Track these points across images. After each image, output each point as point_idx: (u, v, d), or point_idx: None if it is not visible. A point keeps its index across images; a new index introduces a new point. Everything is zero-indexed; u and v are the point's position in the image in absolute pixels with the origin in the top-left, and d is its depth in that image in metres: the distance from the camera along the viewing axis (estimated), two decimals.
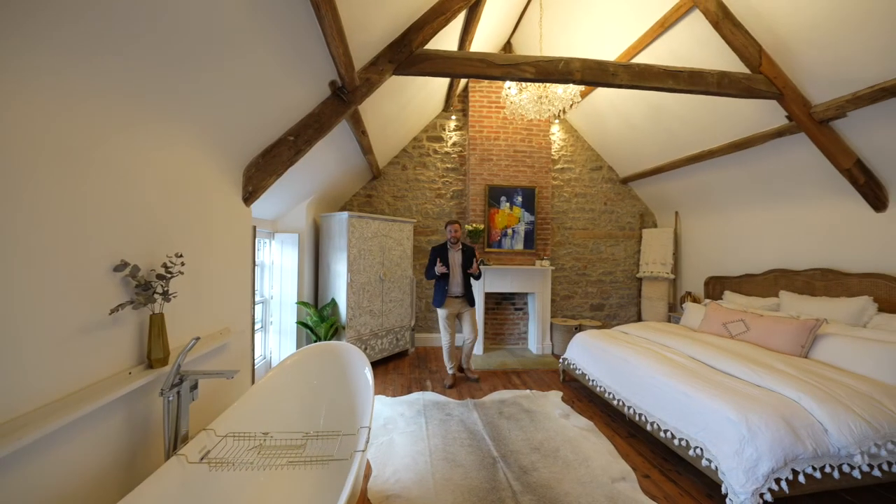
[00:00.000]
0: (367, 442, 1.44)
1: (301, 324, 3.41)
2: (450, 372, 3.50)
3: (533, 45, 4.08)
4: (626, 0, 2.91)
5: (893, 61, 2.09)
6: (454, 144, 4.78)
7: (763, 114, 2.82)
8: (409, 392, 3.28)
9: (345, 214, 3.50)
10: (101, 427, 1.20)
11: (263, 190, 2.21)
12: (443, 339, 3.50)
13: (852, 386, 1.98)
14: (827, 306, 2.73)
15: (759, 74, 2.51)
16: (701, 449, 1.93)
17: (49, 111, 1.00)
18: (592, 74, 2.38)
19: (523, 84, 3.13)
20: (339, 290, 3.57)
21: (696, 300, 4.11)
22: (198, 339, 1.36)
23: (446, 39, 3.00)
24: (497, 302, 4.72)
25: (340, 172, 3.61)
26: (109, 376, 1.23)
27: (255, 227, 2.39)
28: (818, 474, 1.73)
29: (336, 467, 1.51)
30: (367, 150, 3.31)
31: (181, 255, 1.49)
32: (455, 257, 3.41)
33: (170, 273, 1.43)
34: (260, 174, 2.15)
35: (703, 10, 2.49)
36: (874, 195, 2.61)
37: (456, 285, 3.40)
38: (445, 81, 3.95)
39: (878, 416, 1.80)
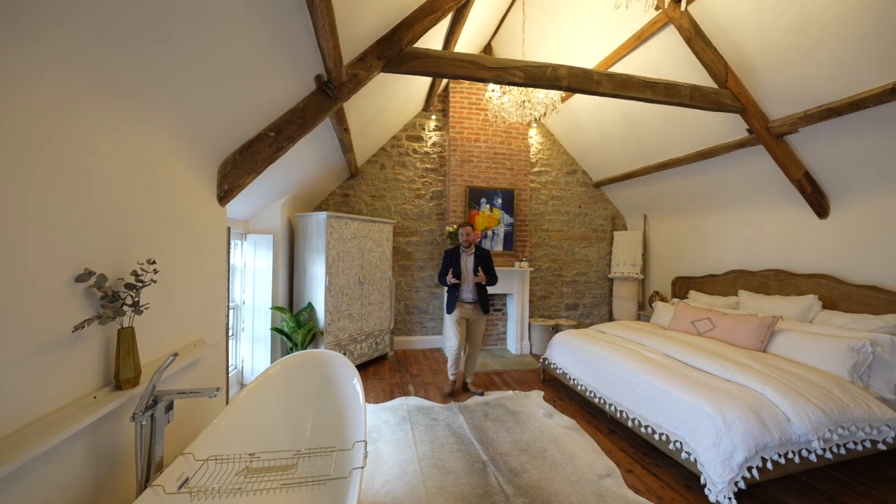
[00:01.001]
0: (366, 457, 1.37)
1: (276, 330, 3.22)
2: (451, 377, 3.30)
3: (512, 50, 4.13)
4: (605, 11, 3.01)
5: (838, 84, 2.32)
6: (434, 144, 4.73)
7: (726, 126, 3.04)
8: (392, 398, 3.20)
9: (323, 215, 3.34)
10: (59, 464, 1.04)
11: (240, 189, 2.05)
12: (450, 344, 3.25)
13: (807, 377, 2.18)
14: (780, 304, 2.99)
15: (725, 90, 2.70)
16: (681, 443, 2.04)
17: None
18: (578, 82, 2.44)
19: (506, 87, 3.16)
20: (317, 293, 3.41)
21: (663, 299, 4.36)
22: (175, 355, 1.22)
23: (431, 40, 2.96)
24: None
25: (318, 171, 3.45)
26: (70, 403, 1.07)
27: (229, 229, 2.21)
28: (782, 460, 1.88)
29: (332, 487, 1.42)
30: (347, 147, 3.19)
31: (154, 262, 1.33)
32: (467, 262, 3.21)
33: (141, 282, 1.28)
34: (237, 172, 1.99)
35: (678, 26, 2.63)
36: (819, 204, 2.89)
37: (467, 291, 3.20)
38: (427, 81, 3.90)
39: (830, 405, 1.99)
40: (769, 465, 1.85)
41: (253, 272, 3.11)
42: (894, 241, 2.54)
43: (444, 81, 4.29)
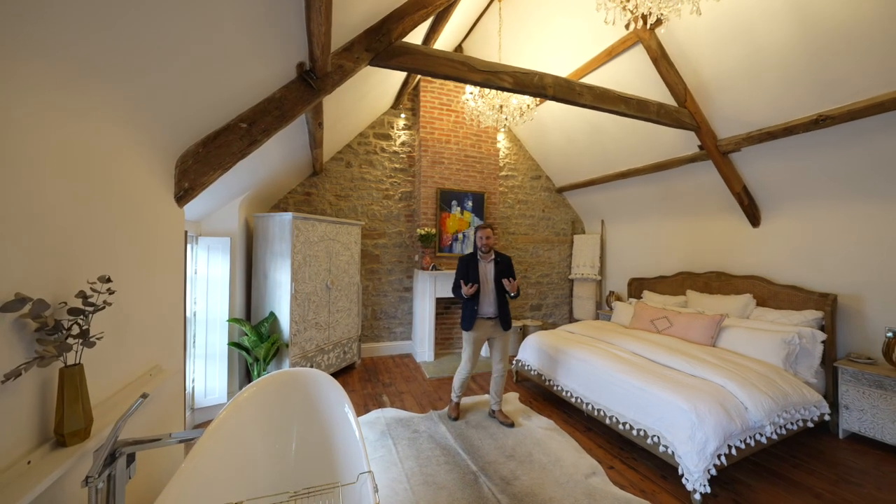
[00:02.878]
0: (377, 491, 1.24)
1: (234, 345, 2.86)
2: (454, 399, 2.91)
3: (483, 53, 4.14)
4: (579, 24, 3.13)
5: (776, 112, 2.67)
6: (403, 144, 4.58)
7: (681, 142, 3.34)
8: (367, 411, 3.02)
9: (288, 215, 3.04)
10: None
11: (203, 187, 1.76)
12: (462, 365, 2.86)
13: (754, 369, 2.47)
14: (722, 302, 3.37)
15: (684, 109, 2.96)
16: (658, 437, 2.18)
17: None
18: (562, 91, 2.50)
19: (484, 90, 3.15)
20: (281, 302, 3.10)
21: (619, 298, 4.70)
22: (145, 396, 0.99)
23: (410, 36, 2.83)
24: (446, 307, 4.69)
25: (282, 166, 3.13)
26: None
27: (186, 233, 1.89)
28: (742, 445, 2.10)
29: None
30: (318, 143, 2.94)
31: (109, 280, 1.07)
32: (486, 270, 2.76)
33: (91, 305, 1.01)
34: (200, 167, 1.71)
35: (646, 46, 2.82)
36: (753, 214, 3.31)
37: (488, 304, 2.75)
38: (401, 77, 3.75)
39: (776, 393, 2.27)
40: (733, 452, 2.05)
41: (206, 280, 2.72)
42: (810, 248, 2.99)
43: (417, 79, 4.16)
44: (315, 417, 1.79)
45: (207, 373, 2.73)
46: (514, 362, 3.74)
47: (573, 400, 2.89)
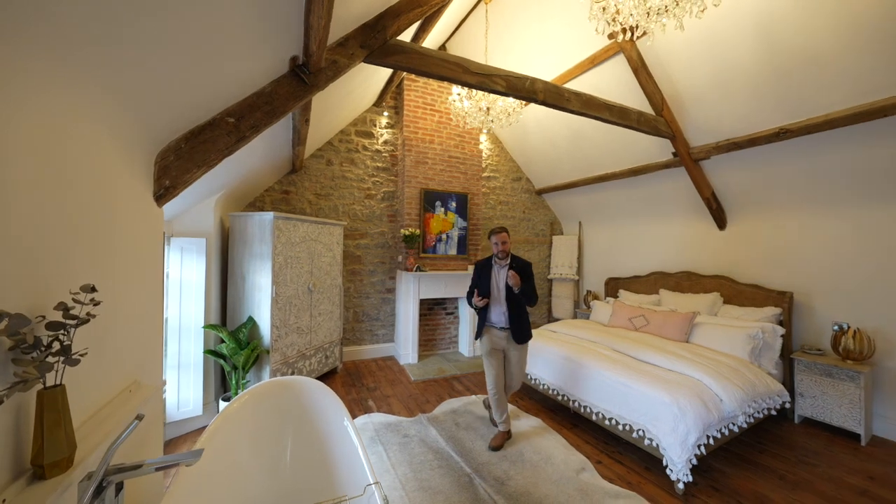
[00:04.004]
0: (387, 502, 1.21)
1: (211, 353, 2.68)
2: (499, 427, 2.55)
3: (466, 53, 4.14)
4: (565, 31, 3.22)
5: (742, 124, 2.88)
6: (385, 142, 4.49)
7: (656, 149, 3.52)
8: (354, 416, 2.94)
9: (269, 215, 2.89)
10: None
11: (185, 185, 1.63)
12: (487, 379, 2.59)
13: (725, 363, 2.65)
14: (692, 300, 3.59)
15: (661, 118, 3.12)
16: (643, 431, 2.29)
17: None
18: (552, 97, 2.55)
19: (471, 92, 3.16)
20: (260, 306, 2.95)
21: (596, 298, 4.89)
22: (140, 417, 0.89)
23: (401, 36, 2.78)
24: (429, 308, 4.67)
25: (261, 163, 2.98)
26: None
27: (164, 235, 1.75)
28: (718, 435, 2.25)
29: None
30: (302, 140, 2.82)
31: (94, 289, 0.96)
32: (499, 276, 2.53)
33: (74, 318, 0.91)
34: (182, 164, 1.58)
35: (627, 56, 2.94)
36: (720, 218, 3.55)
37: (498, 314, 2.51)
38: (387, 75, 3.67)
39: (745, 384, 2.45)
40: (711, 441, 2.19)
41: (179, 284, 2.52)
42: (770, 250, 3.26)
43: (401, 78, 4.10)
44: (309, 428, 1.72)
45: (180, 384, 2.54)
46: None
47: (559, 398, 2.97)
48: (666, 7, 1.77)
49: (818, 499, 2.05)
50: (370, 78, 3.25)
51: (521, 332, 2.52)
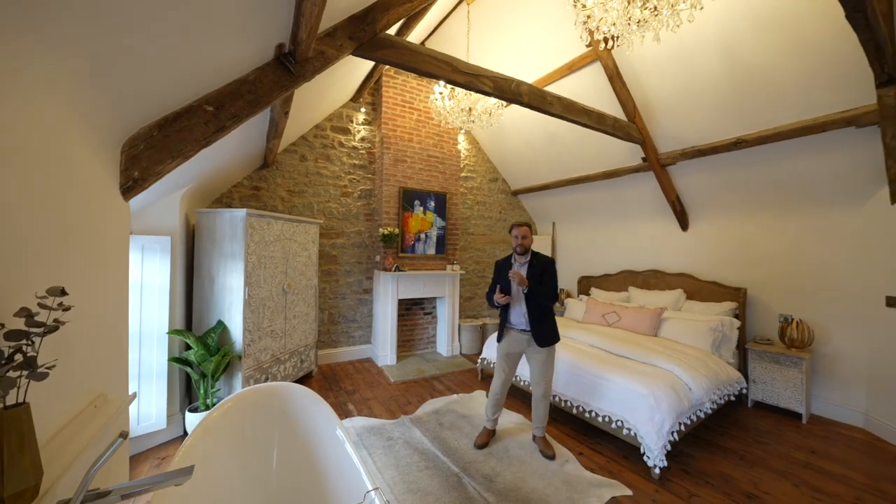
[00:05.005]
0: None
1: (176, 361, 2.47)
2: (487, 425, 2.53)
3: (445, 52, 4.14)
4: (545, 37, 3.31)
5: (705, 133, 3.11)
6: (363, 139, 4.38)
7: (627, 154, 3.72)
8: None
9: (241, 212, 2.72)
10: None
11: (156, 178, 1.49)
12: (493, 380, 2.52)
13: (692, 354, 2.85)
14: (658, 297, 3.83)
15: (633, 124, 3.30)
16: (622, 421, 2.40)
17: None
18: (536, 100, 2.61)
19: (454, 92, 3.17)
20: (231, 309, 2.76)
21: (569, 295, 5.07)
22: (125, 435, 0.80)
23: None
24: (407, 308, 4.61)
25: (232, 157, 2.79)
26: None
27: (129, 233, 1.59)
28: (688, 421, 2.42)
29: None
30: (278, 133, 2.68)
31: (64, 293, 0.84)
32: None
33: (39, 326, 0.79)
34: (154, 154, 1.44)
35: (604, 64, 3.08)
36: (683, 219, 3.82)
37: (517, 315, 2.36)
38: (367, 69, 3.58)
39: (710, 374, 2.65)
40: (682, 428, 2.35)
41: (140, 286, 2.30)
42: (726, 250, 3.55)
43: (380, 74, 4.01)
44: (297, 435, 1.63)
45: (141, 395, 2.32)
46: (479, 360, 3.82)
47: None
48: (645, 19, 1.87)
49: (772, 473, 2.26)
50: (351, 73, 3.15)
51: (542, 334, 2.31)
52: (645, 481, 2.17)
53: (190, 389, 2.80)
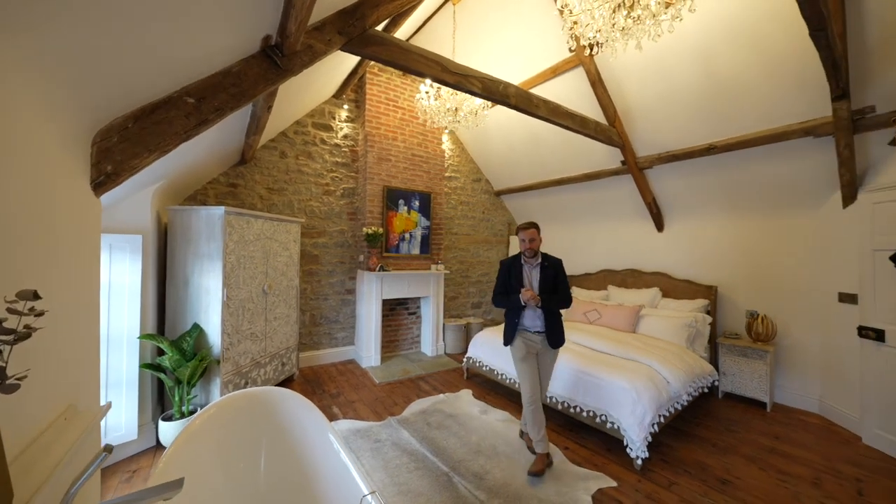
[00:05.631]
0: None
1: (149, 367, 2.32)
2: (537, 449, 2.25)
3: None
4: (530, 40, 3.36)
5: (680, 138, 3.26)
6: (345, 137, 4.30)
7: (607, 157, 3.84)
8: None
9: (219, 210, 2.60)
10: None
11: (131, 172, 1.40)
12: (522, 388, 2.31)
13: (668, 349, 2.99)
14: (636, 295, 3.98)
15: (613, 128, 3.41)
16: (606, 415, 2.48)
17: None
18: (523, 102, 2.65)
19: (440, 91, 3.16)
20: (208, 311, 2.63)
21: None
22: (109, 449, 0.75)
23: None
24: (391, 308, 4.56)
25: (208, 152, 2.66)
26: None
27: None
28: (667, 413, 2.53)
29: None
30: (259, 128, 2.58)
31: (37, 295, 0.77)
32: (531, 277, 2.33)
33: (9, 333, 0.73)
34: (129, 147, 1.35)
35: (586, 70, 3.17)
36: (659, 221, 3.99)
37: (531, 317, 2.31)
38: (350, 66, 3.51)
39: (686, 367, 2.78)
40: (661, 420, 2.45)
41: (108, 288, 2.15)
42: (699, 249, 3.74)
43: (364, 71, 3.94)
44: (285, 441, 1.58)
45: (112, 404, 2.17)
46: (464, 359, 3.83)
47: None
48: (629, 28, 1.94)
49: (742, 459, 2.41)
50: (334, 69, 3.08)
51: (556, 335, 2.30)
52: (628, 472, 2.25)
53: (163, 397, 2.65)
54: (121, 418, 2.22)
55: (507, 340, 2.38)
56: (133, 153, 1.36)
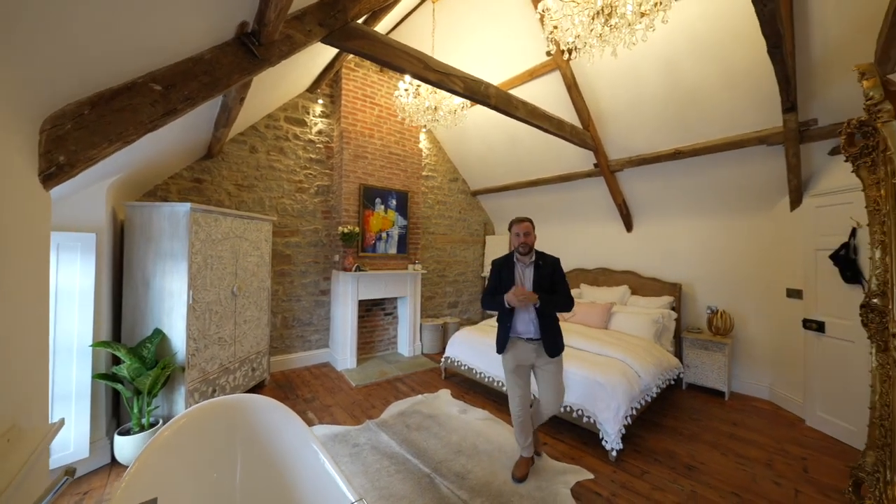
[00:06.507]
0: None
1: (104, 377, 2.13)
2: (522, 454, 2.20)
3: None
4: (508, 43, 3.41)
5: (649, 143, 3.43)
6: (320, 132, 4.16)
7: (581, 159, 3.98)
8: None
9: (184, 206, 2.43)
10: None
11: (89, 164, 1.27)
12: (510, 401, 2.20)
13: (639, 344, 3.13)
14: (607, 293, 4.15)
15: (587, 132, 3.53)
16: (582, 410, 2.56)
17: None
18: (503, 103, 2.68)
19: (419, 90, 3.13)
20: (172, 315, 2.46)
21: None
22: (72, 473, 0.67)
23: None
24: (367, 309, 4.47)
25: (173, 144, 2.48)
26: None
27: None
28: (639, 406, 2.65)
29: None
30: (230, 121, 2.44)
31: None
32: (523, 276, 2.12)
33: None
34: (85, 136, 1.23)
35: (563, 74, 3.26)
36: (628, 221, 4.18)
37: (524, 321, 2.08)
38: (326, 59, 3.40)
39: (655, 361, 2.93)
40: (634, 412, 2.57)
41: (55, 291, 1.94)
42: (665, 249, 3.96)
43: (340, 65, 3.83)
44: (262, 451, 1.50)
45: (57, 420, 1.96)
46: (442, 359, 3.82)
47: (504, 389, 3.13)
48: (605, 35, 2.01)
49: (706, 445, 2.57)
50: (310, 62, 2.97)
51: (553, 342, 2.07)
52: (604, 464, 2.34)
53: (119, 409, 2.44)
54: (69, 435, 2.02)
55: (500, 348, 2.17)
56: (91, 143, 1.23)
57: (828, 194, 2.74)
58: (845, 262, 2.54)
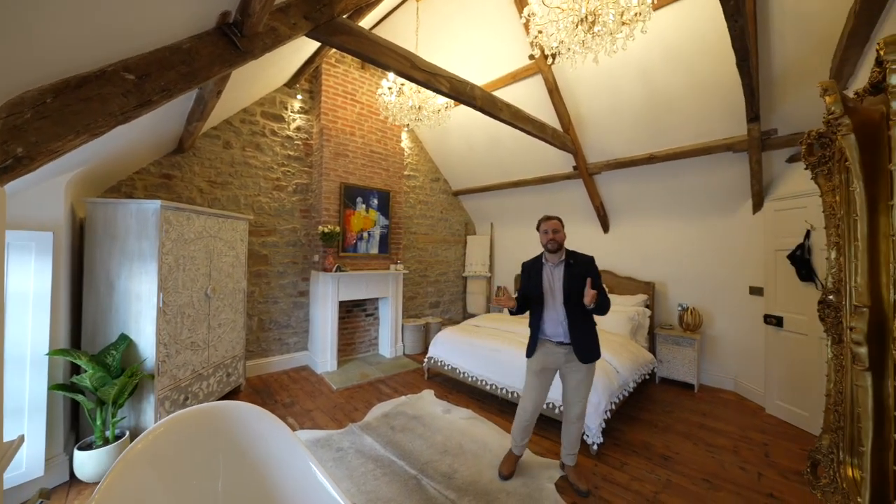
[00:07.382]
0: None
1: (61, 388, 1.96)
2: (514, 451, 2.17)
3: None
4: (492, 45, 3.45)
5: (625, 148, 3.57)
6: (298, 129, 4.03)
7: (561, 161, 4.08)
8: None
9: (154, 204, 2.28)
10: None
11: (51, 157, 1.17)
12: (521, 400, 2.13)
13: (615, 340, 3.25)
14: None
15: (567, 135, 3.62)
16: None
17: None
18: (488, 104, 2.71)
19: (402, 88, 3.11)
20: (140, 319, 2.30)
21: (507, 292, 5.36)
22: (46, 493, 0.61)
23: None
24: (348, 310, 4.39)
25: (141, 137, 2.33)
26: None
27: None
28: (618, 400, 2.75)
29: None
30: (204, 115, 2.32)
31: None
32: (552, 277, 2.01)
33: None
34: (47, 126, 1.13)
35: (545, 78, 3.33)
36: (605, 223, 4.33)
37: (554, 323, 1.98)
38: (306, 54, 3.30)
39: (631, 357, 3.05)
40: (613, 407, 2.66)
41: (3, 295, 1.77)
42: (639, 249, 4.13)
43: (321, 60, 3.73)
44: (244, 461, 1.44)
45: (7, 437, 1.79)
46: (425, 360, 3.81)
47: (488, 387, 3.17)
48: (588, 42, 2.08)
49: (679, 436, 2.71)
50: (292, 55, 2.87)
51: (586, 347, 1.95)
52: (585, 458, 2.41)
53: (79, 422, 2.26)
54: (22, 452, 1.85)
55: (529, 352, 2.07)
56: (54, 134, 1.14)
57: (785, 199, 2.95)
58: (800, 261, 2.75)
